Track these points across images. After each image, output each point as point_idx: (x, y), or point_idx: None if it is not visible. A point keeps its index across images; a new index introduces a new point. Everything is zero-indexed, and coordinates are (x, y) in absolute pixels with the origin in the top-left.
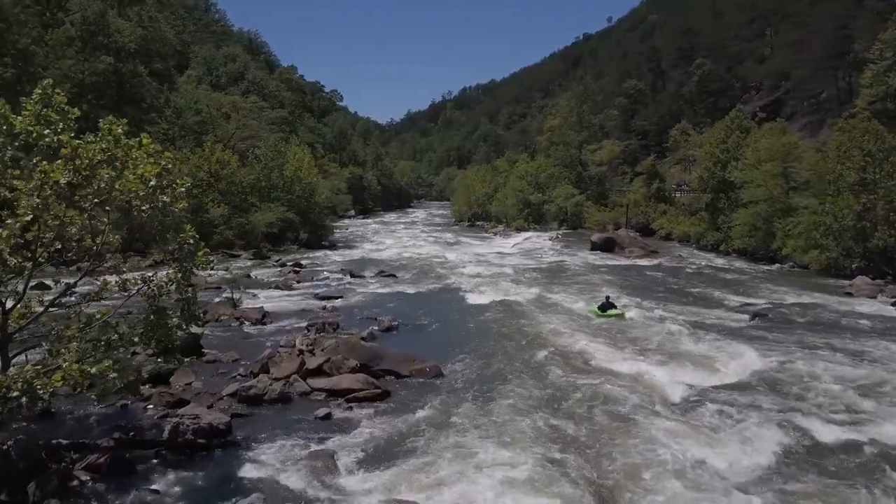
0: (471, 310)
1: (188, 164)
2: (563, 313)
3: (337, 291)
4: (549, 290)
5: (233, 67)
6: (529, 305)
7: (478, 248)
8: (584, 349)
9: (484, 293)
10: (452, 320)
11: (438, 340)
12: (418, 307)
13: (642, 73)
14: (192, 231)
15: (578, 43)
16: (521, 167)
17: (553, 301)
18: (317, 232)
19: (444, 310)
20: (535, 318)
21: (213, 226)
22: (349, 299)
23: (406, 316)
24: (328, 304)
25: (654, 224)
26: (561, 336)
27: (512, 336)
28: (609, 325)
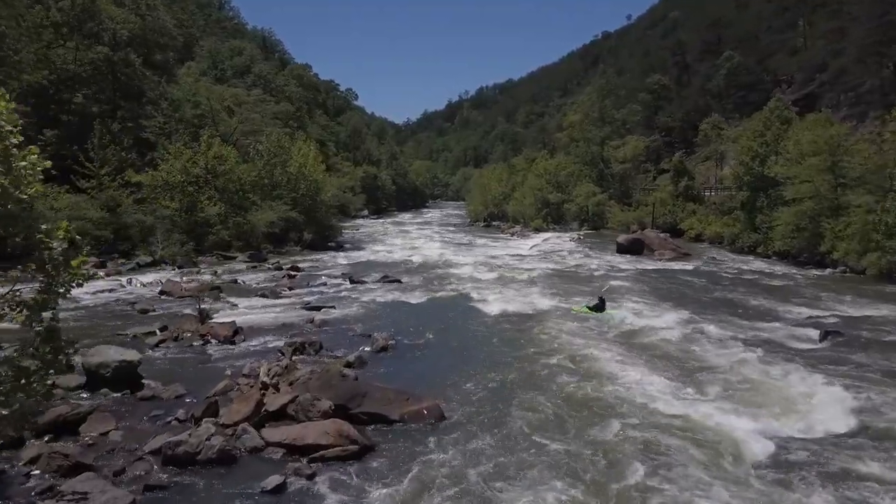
0: (484, 324)
1: (181, 160)
2: (593, 329)
3: (331, 300)
4: (574, 300)
5: (239, 61)
6: (553, 318)
7: (493, 249)
8: (624, 379)
9: (499, 302)
10: (461, 338)
11: (442, 366)
12: (422, 320)
13: (666, 68)
14: (66, 228)
15: (597, 41)
16: (540, 165)
17: (584, 314)
18: (323, 232)
19: (451, 324)
20: (561, 336)
21: (209, 225)
22: (344, 310)
23: (406, 331)
24: (317, 316)
25: (683, 224)
26: (594, 360)
27: (533, 360)
28: (651, 346)
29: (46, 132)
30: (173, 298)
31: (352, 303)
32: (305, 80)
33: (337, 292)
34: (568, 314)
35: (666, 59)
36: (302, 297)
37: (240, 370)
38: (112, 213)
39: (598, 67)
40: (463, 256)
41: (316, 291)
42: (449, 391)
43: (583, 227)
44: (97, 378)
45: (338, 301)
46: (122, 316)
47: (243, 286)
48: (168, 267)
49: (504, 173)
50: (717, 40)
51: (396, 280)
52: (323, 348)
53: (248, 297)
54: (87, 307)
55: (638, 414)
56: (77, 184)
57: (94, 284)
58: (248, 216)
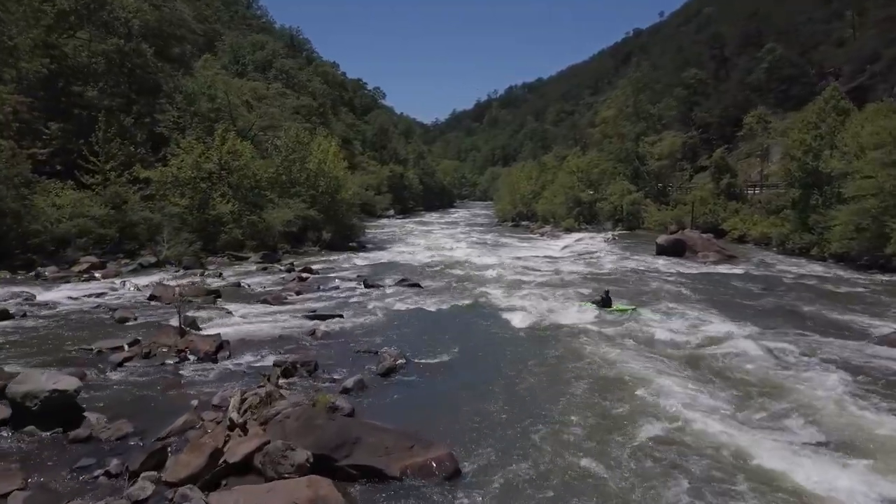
0: (512, 339)
1: (192, 154)
2: (644, 346)
3: (339, 308)
4: (610, 307)
5: (260, 55)
6: (594, 333)
7: (522, 250)
8: (690, 415)
9: (530, 312)
10: (485, 357)
11: (460, 396)
12: (440, 333)
13: (703, 62)
14: None
15: (629, 38)
16: (572, 162)
17: (626, 327)
18: (343, 232)
19: (474, 338)
20: (606, 356)
21: (221, 224)
22: (352, 319)
23: (420, 347)
24: (321, 327)
25: (726, 224)
26: (651, 392)
27: (573, 386)
28: (720, 368)
29: (52, 125)
30: (162, 304)
31: (363, 311)
32: (331, 78)
33: (348, 298)
34: (606, 324)
35: (702, 53)
36: (308, 304)
37: (210, 398)
38: (118, 211)
39: (631, 63)
40: (489, 258)
41: (325, 297)
42: (467, 432)
43: (617, 228)
44: (23, 412)
45: (347, 308)
46: (96, 325)
47: (246, 290)
48: (172, 268)
49: (533, 171)
50: (758, 33)
51: (415, 284)
52: (319, 369)
53: (249, 302)
54: (62, 314)
55: (712, 460)
56: (81, 179)
57: (84, 287)
58: (264, 214)
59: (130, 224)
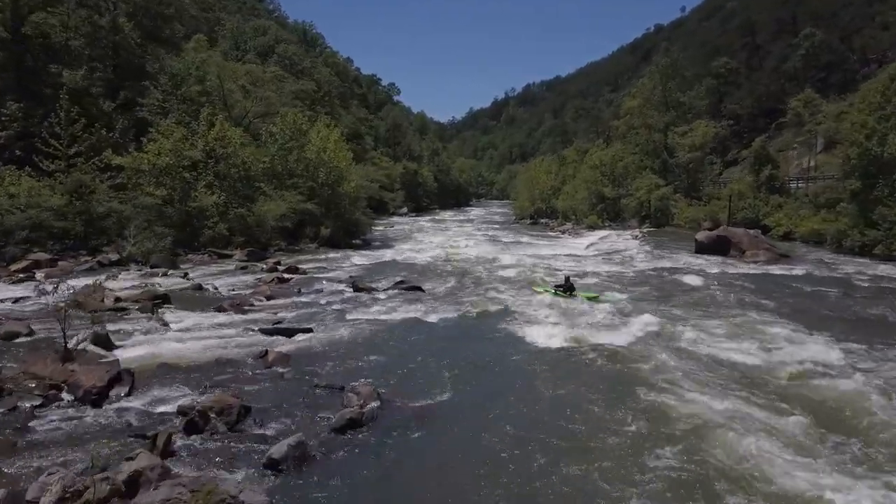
0: (532, 367)
1: (171, 139)
2: (726, 376)
3: (314, 318)
4: (666, 321)
5: (262, 41)
6: (644, 355)
7: (542, 248)
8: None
9: (554, 325)
10: (495, 397)
11: (455, 480)
12: (436, 357)
13: (733, 50)
14: None
15: (649, 35)
16: (595, 156)
17: (684, 345)
18: (346, 227)
19: (481, 366)
20: (668, 392)
21: (205, 217)
22: (325, 334)
23: (406, 380)
24: (279, 346)
25: (768, 220)
26: (724, 448)
27: (637, 446)
28: (809, 398)
29: (11, 105)
30: (86, 313)
31: (342, 323)
32: (341, 69)
33: (329, 305)
34: (666, 345)
35: (733, 42)
36: (277, 312)
37: (27, 487)
38: (82, 201)
39: (652, 60)
40: (506, 257)
41: (302, 303)
42: None
43: (643, 225)
44: None
45: (324, 319)
46: None
47: (209, 294)
48: (136, 266)
49: (553, 166)
50: (792, 18)
51: (415, 287)
52: (248, 417)
53: (203, 310)
54: None
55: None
56: (41, 165)
57: (10, 289)
58: (255, 208)
59: (98, 217)
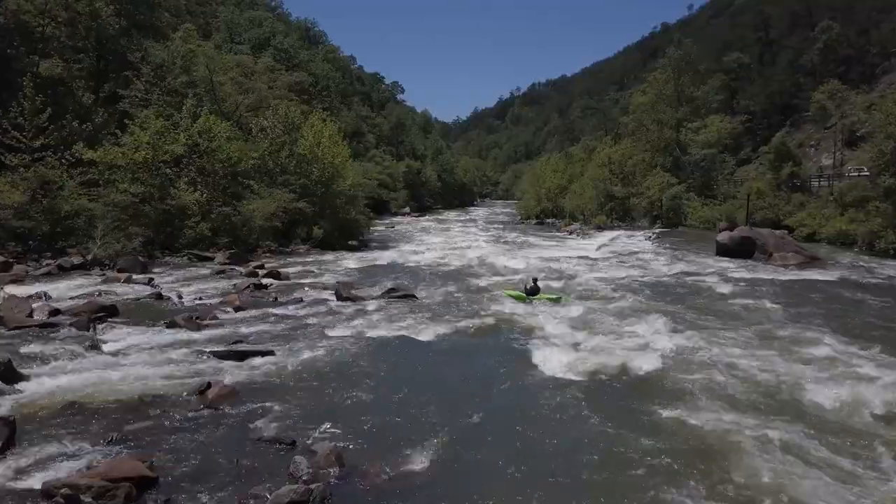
0: (543, 406)
1: (149, 131)
2: (765, 407)
3: (285, 334)
4: (695, 337)
5: (258, 32)
6: (678, 383)
7: (550, 250)
8: None
9: (577, 348)
10: (496, 458)
11: None
12: (423, 393)
13: (746, 45)
14: None
15: (656, 33)
16: (603, 153)
17: (717, 366)
18: (342, 228)
19: (479, 404)
20: (709, 428)
21: (186, 216)
22: (289, 358)
23: (382, 428)
24: (227, 377)
25: (791, 220)
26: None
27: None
28: None
29: None
30: (7, 330)
31: (315, 342)
32: (342, 64)
33: (305, 318)
34: (692, 367)
35: (745, 36)
36: (241, 328)
37: None
38: (48, 199)
39: (663, 53)
40: (511, 259)
41: (274, 316)
42: None
43: (655, 225)
44: None
45: (294, 337)
46: None
47: (167, 304)
48: (100, 271)
49: (560, 164)
50: (808, 12)
51: (408, 295)
52: (147, 498)
53: (154, 324)
54: None
55: None
56: (3, 159)
57: None
58: (241, 206)
59: (66, 216)
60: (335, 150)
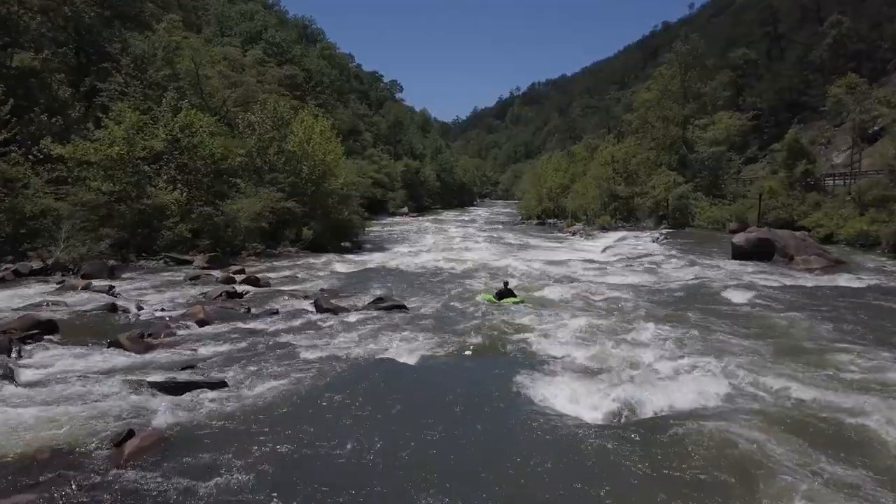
0: (559, 464)
1: (123, 125)
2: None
3: (244, 358)
4: (733, 358)
5: (249, 26)
6: (724, 430)
7: (553, 252)
8: None
9: (586, 374)
10: None
11: None
12: (405, 447)
13: (752, 41)
14: None
15: (657, 32)
16: (606, 151)
17: (759, 398)
18: (334, 229)
19: (481, 472)
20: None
21: (165, 216)
22: (248, 389)
23: (356, 495)
24: (155, 419)
25: (806, 221)
26: None
27: None
28: None
29: None
30: None
31: (280, 367)
32: (338, 61)
33: (276, 335)
34: (727, 402)
35: (751, 32)
36: (196, 348)
37: None
38: (10, 197)
39: (658, 60)
40: (513, 263)
41: (242, 332)
42: None
43: (661, 225)
44: None
45: (259, 360)
46: None
47: (120, 318)
48: (60, 276)
49: (562, 163)
50: (817, 6)
51: (398, 306)
52: None
53: (93, 345)
54: None
55: None
56: None
57: None
58: (225, 206)
59: (31, 216)
60: (327, 146)
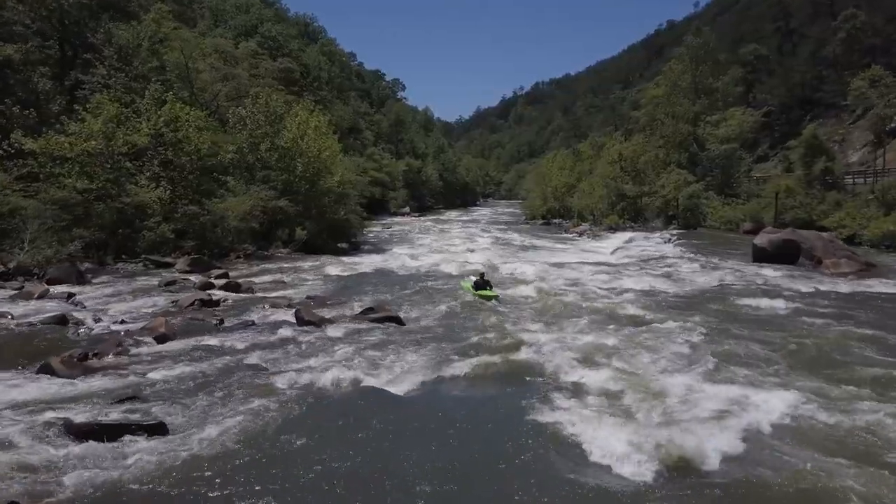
0: None
1: (101, 119)
2: None
3: (201, 386)
4: (778, 381)
5: (244, 19)
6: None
7: (561, 254)
8: None
9: (616, 407)
10: None
11: None
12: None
13: (763, 37)
14: None
15: (662, 31)
16: (613, 149)
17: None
18: (330, 229)
19: None
20: None
21: (146, 216)
22: (196, 434)
23: None
24: (82, 474)
25: (827, 221)
26: None
27: None
28: None
29: None
30: None
31: (241, 401)
32: (337, 57)
33: (245, 353)
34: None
35: (762, 27)
36: (146, 372)
37: None
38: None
39: (663, 59)
40: (520, 266)
41: (207, 349)
42: None
43: (670, 226)
44: None
45: (221, 387)
46: None
47: (69, 331)
48: (22, 280)
49: (567, 161)
50: (830, 0)
51: (391, 318)
52: None
53: (21, 367)
54: None
55: None
56: None
57: None
58: (212, 205)
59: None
60: (323, 142)
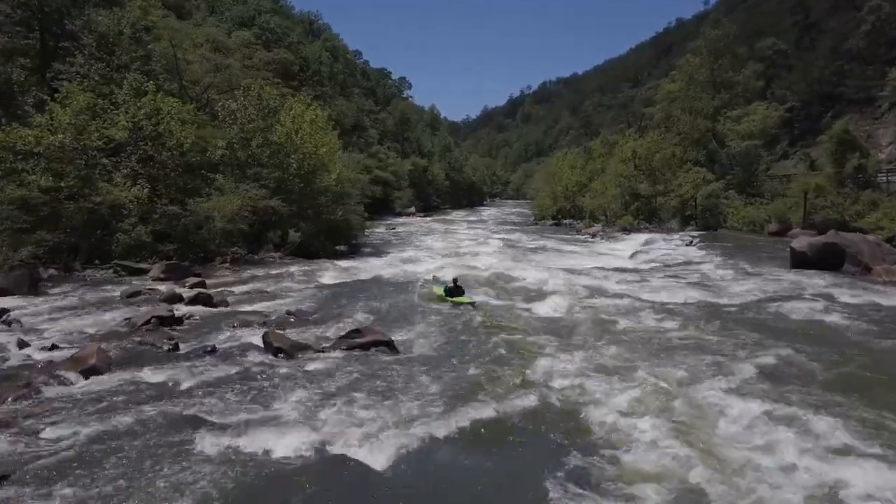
0: None
1: (70, 109)
2: None
3: (114, 450)
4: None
5: (241, 10)
6: None
7: (574, 258)
8: None
9: (671, 473)
10: None
11: None
12: None
13: (781, 31)
14: None
15: (671, 29)
16: (627, 147)
17: None
18: (328, 230)
19: None
20: None
21: (122, 217)
22: None
23: None
24: None
25: (862, 222)
26: None
27: None
28: None
29: None
30: None
31: (163, 477)
32: (341, 53)
33: (193, 396)
34: None
35: (780, 21)
36: (44, 429)
37: None
38: None
39: (672, 57)
40: (533, 272)
41: (142, 389)
42: None
43: (688, 227)
44: None
45: (143, 451)
46: None
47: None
48: None
49: (578, 160)
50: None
51: (381, 343)
52: None
53: None
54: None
55: None
56: None
57: None
58: (193, 205)
59: None
60: (320, 137)
